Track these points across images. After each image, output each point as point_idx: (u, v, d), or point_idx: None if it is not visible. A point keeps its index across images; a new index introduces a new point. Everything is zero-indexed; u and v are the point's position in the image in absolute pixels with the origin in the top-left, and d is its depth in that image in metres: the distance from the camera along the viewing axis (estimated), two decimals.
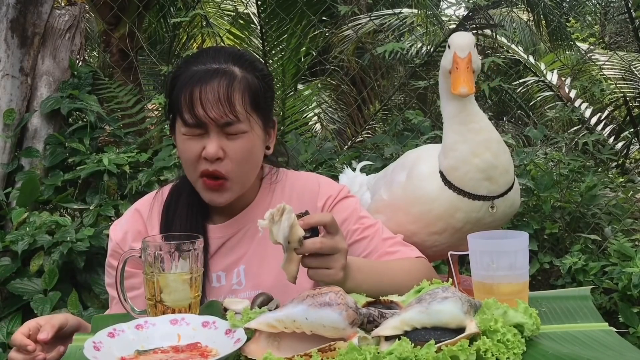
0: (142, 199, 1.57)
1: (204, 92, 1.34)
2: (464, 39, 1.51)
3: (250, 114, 1.38)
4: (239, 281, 1.46)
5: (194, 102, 1.34)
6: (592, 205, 2.95)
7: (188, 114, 1.35)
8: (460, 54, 1.48)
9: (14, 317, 2.63)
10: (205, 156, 1.35)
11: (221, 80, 1.36)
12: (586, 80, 5.59)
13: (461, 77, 1.46)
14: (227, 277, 1.46)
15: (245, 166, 1.41)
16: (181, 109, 1.36)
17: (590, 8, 8.15)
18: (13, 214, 2.82)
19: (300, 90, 5.57)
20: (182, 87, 1.37)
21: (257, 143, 1.42)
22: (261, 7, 4.97)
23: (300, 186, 1.52)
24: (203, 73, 1.37)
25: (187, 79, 1.37)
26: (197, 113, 1.34)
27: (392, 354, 0.97)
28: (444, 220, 1.53)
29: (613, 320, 2.46)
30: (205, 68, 1.38)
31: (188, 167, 1.41)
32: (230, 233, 1.47)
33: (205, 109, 1.34)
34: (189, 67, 1.40)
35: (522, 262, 1.20)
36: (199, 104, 1.34)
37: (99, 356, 1.03)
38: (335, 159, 3.20)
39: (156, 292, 1.21)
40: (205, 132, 1.36)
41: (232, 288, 1.45)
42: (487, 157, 1.49)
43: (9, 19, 3.09)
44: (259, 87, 1.40)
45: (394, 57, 4.89)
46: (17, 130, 3.10)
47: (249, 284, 1.45)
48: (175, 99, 1.39)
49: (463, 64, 1.47)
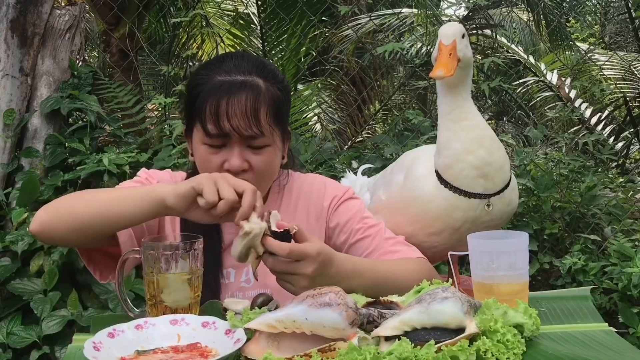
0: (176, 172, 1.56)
1: (230, 104, 1.34)
2: (450, 28, 1.52)
3: (273, 127, 1.39)
4: (247, 279, 1.47)
5: (219, 114, 1.34)
6: (592, 206, 2.96)
7: (212, 125, 1.35)
8: (444, 41, 1.49)
9: (14, 317, 2.63)
10: (230, 168, 1.35)
11: (248, 93, 1.35)
12: (586, 80, 5.59)
13: (439, 62, 1.47)
14: (236, 274, 1.47)
15: (266, 178, 1.43)
16: (205, 119, 1.36)
17: (590, 8, 8.15)
18: (13, 214, 2.82)
19: (300, 90, 5.57)
20: (206, 96, 1.36)
21: (278, 154, 1.44)
22: (261, 7, 4.98)
23: (308, 187, 1.55)
24: (229, 85, 1.36)
25: (213, 90, 1.36)
26: (222, 125, 1.34)
27: (392, 354, 0.97)
28: (442, 220, 1.53)
29: (613, 321, 2.47)
30: (230, 80, 1.37)
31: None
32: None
33: (231, 122, 1.34)
34: (212, 75, 1.39)
35: (522, 262, 1.21)
36: (224, 117, 1.34)
37: (99, 356, 1.03)
38: (335, 159, 3.20)
39: (156, 292, 1.21)
40: (226, 143, 1.37)
41: (240, 286, 1.47)
42: (481, 154, 1.49)
43: (9, 19, 3.09)
44: (281, 100, 1.42)
45: (394, 57, 4.89)
46: (17, 130, 3.10)
47: (258, 283, 1.44)
48: (198, 107, 1.38)
49: (446, 50, 1.47)
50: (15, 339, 2.55)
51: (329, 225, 1.52)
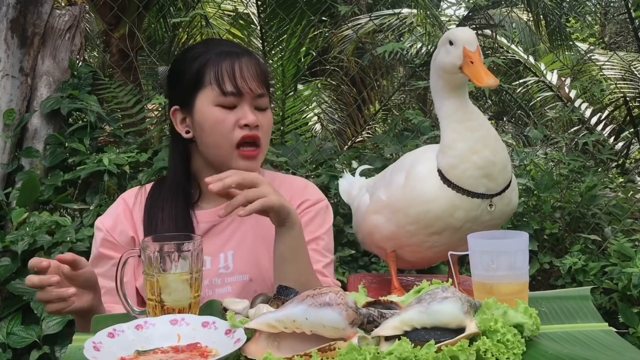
0: (126, 192, 1.65)
1: (243, 65, 1.48)
2: (470, 33, 1.52)
3: (268, 91, 1.54)
4: (226, 265, 1.52)
5: (235, 74, 1.47)
6: (592, 205, 2.95)
7: (229, 84, 1.47)
8: (470, 47, 1.48)
9: (14, 317, 2.63)
10: (247, 122, 1.47)
11: (251, 58, 1.51)
12: (586, 80, 5.59)
13: (481, 70, 1.46)
14: (212, 261, 1.52)
15: (269, 138, 1.55)
16: (222, 79, 1.47)
17: (590, 8, 8.16)
18: (13, 214, 2.82)
19: (300, 90, 5.57)
20: (217, 60, 1.48)
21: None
22: (261, 7, 4.97)
23: (289, 184, 1.63)
24: (235, 52, 1.50)
25: (222, 55, 1.49)
26: (238, 83, 1.47)
27: (392, 354, 0.97)
28: (444, 220, 1.53)
29: (613, 321, 2.46)
30: (229, 49, 1.51)
31: (222, 136, 1.48)
32: (218, 218, 1.53)
33: (246, 80, 1.47)
34: (211, 48, 1.52)
35: (522, 262, 1.20)
36: (239, 76, 1.47)
37: (99, 356, 1.03)
38: (335, 159, 3.20)
39: (156, 292, 1.21)
40: (237, 104, 1.48)
41: (219, 272, 1.52)
42: (486, 154, 1.49)
43: (9, 19, 3.09)
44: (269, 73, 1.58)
45: (393, 57, 4.89)
46: (17, 130, 3.09)
47: (237, 268, 1.52)
48: (203, 74, 1.48)
49: (477, 57, 1.47)
50: (15, 339, 2.55)
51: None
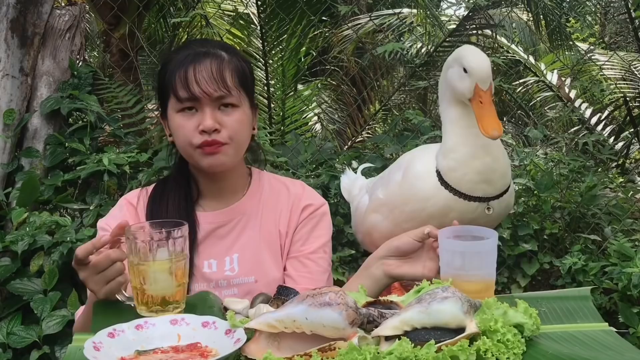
0: (127, 194, 1.65)
1: (197, 70, 1.45)
2: (485, 69, 1.42)
3: (239, 90, 1.48)
4: (231, 268, 1.53)
5: (188, 80, 1.44)
6: (592, 205, 2.95)
7: (182, 90, 1.44)
8: (482, 86, 1.41)
9: (14, 317, 2.63)
10: (203, 128, 1.44)
11: (212, 60, 1.47)
12: (586, 80, 5.59)
13: (489, 115, 1.39)
14: (218, 264, 1.53)
15: (239, 136, 1.49)
16: (175, 87, 1.45)
17: (590, 8, 8.15)
18: (13, 214, 2.82)
19: (300, 90, 5.57)
20: (174, 69, 1.47)
21: (246, 118, 1.51)
22: (261, 7, 4.97)
23: (286, 189, 1.62)
24: (194, 55, 1.47)
25: (179, 62, 1.47)
26: (192, 89, 1.44)
27: (392, 354, 0.97)
28: (437, 220, 1.53)
29: (613, 321, 2.46)
30: (195, 51, 1.48)
31: (185, 142, 1.47)
32: (221, 221, 1.54)
33: (200, 85, 1.44)
34: (178, 53, 1.51)
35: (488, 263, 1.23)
36: (193, 81, 1.44)
37: (99, 356, 1.03)
38: (335, 159, 3.20)
39: (139, 280, 1.22)
40: (198, 108, 1.45)
41: (225, 274, 1.52)
42: (487, 161, 1.50)
43: (9, 19, 3.09)
44: (245, 70, 1.52)
45: (394, 57, 4.89)
46: (17, 130, 3.09)
47: (243, 271, 1.53)
48: (167, 82, 1.47)
49: (487, 98, 1.40)
50: (15, 339, 2.55)
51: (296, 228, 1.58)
